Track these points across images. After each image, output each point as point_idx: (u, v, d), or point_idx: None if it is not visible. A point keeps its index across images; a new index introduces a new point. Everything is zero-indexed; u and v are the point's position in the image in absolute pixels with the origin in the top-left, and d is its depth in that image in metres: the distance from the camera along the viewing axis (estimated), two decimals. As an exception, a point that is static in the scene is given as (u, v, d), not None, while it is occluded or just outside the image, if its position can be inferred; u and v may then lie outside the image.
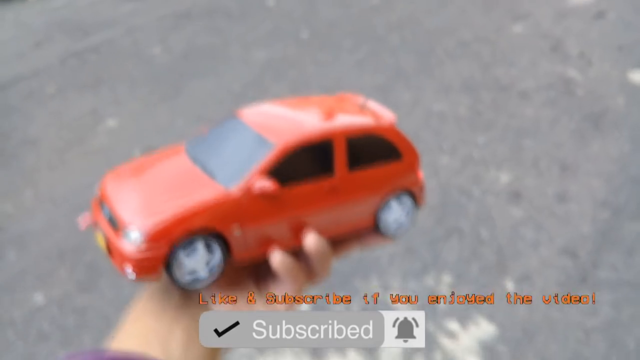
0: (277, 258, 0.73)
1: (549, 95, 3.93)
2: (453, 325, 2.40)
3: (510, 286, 2.56)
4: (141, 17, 5.11)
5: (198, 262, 0.71)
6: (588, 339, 2.34)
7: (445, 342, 2.33)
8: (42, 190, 3.22)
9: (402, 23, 4.93)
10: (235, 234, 0.72)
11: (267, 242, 0.75)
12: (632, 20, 4.92)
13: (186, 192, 0.72)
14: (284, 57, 4.44)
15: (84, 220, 0.80)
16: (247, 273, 0.79)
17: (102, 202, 0.77)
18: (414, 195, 0.89)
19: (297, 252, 0.77)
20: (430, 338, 2.35)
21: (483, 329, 2.39)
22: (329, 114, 0.85)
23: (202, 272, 0.72)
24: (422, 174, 0.90)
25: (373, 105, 0.90)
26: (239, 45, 4.64)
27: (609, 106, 3.80)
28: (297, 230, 0.77)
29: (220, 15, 5.15)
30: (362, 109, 0.88)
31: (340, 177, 0.79)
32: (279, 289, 0.76)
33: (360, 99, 0.91)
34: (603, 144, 3.45)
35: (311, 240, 0.75)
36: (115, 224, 0.72)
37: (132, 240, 0.69)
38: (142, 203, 0.72)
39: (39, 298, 2.58)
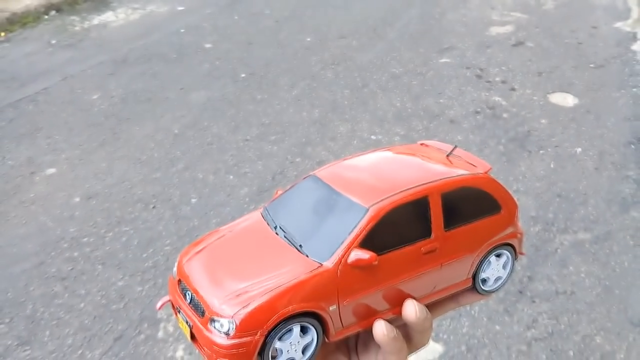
0: (381, 329, 0.66)
1: (476, 120, 4.12)
2: (400, 346, 2.46)
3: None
4: (78, 65, 5.09)
5: (292, 346, 0.65)
6: (530, 350, 2.44)
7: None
8: (-22, 243, 3.14)
9: (336, 60, 5.09)
10: (330, 310, 0.66)
11: (363, 316, 0.69)
12: (549, 48, 5.24)
13: (275, 270, 0.65)
14: (222, 97, 4.51)
15: (161, 304, 0.75)
16: (337, 345, 0.73)
17: (182, 284, 0.71)
18: (513, 247, 0.81)
19: (392, 321, 0.70)
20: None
21: (429, 348, 2.45)
22: (419, 167, 0.78)
23: (297, 356, 0.66)
24: (519, 223, 0.83)
25: (461, 153, 0.82)
26: (176, 87, 4.68)
27: (533, 127, 4.02)
28: (394, 299, 0.70)
29: (158, 59, 5.19)
30: (450, 158, 0.80)
31: (437, 237, 0.71)
32: None
33: (445, 147, 0.83)
34: (529, 163, 3.64)
35: (411, 309, 0.68)
36: (200, 310, 0.66)
37: (224, 330, 0.63)
38: (229, 287, 0.65)
39: (-21, 353, 2.51)
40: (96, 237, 3.11)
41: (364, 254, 0.65)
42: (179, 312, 0.70)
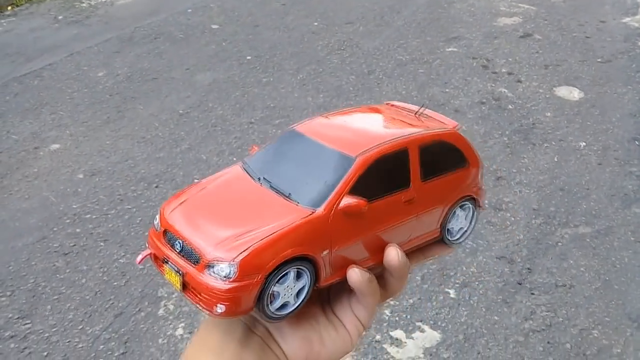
0: (355, 273, 0.68)
1: (481, 111, 4.11)
2: (398, 333, 2.48)
3: (452, 293, 2.67)
4: (84, 42, 5.07)
5: (288, 290, 0.66)
6: (527, 341, 2.46)
7: (393, 350, 2.40)
8: (-19, 216, 3.14)
9: (342, 45, 5.07)
10: (323, 256, 0.67)
11: (348, 263, 0.70)
12: (556, 40, 5.22)
13: (267, 217, 0.66)
14: (227, 79, 4.50)
15: (141, 257, 0.72)
16: (311, 299, 0.73)
17: (168, 234, 0.70)
18: (476, 201, 0.84)
19: (370, 270, 0.71)
20: (377, 348, 2.42)
21: (427, 335, 2.47)
22: (394, 123, 0.81)
23: (291, 301, 0.67)
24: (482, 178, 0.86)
25: (429, 112, 0.85)
26: (182, 67, 4.67)
27: (538, 120, 4.01)
28: (375, 247, 0.72)
29: (164, 39, 5.17)
30: (419, 117, 0.83)
31: (415, 187, 0.74)
32: (354, 309, 0.73)
33: (413, 107, 0.85)
34: (533, 155, 3.64)
35: (394, 253, 0.70)
36: (194, 258, 0.66)
37: (223, 275, 0.63)
38: (222, 233, 0.65)
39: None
40: (99, 213, 3.12)
41: (355, 200, 0.68)
42: (167, 262, 0.69)
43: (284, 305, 0.67)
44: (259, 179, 0.72)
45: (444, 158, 0.79)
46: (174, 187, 3.30)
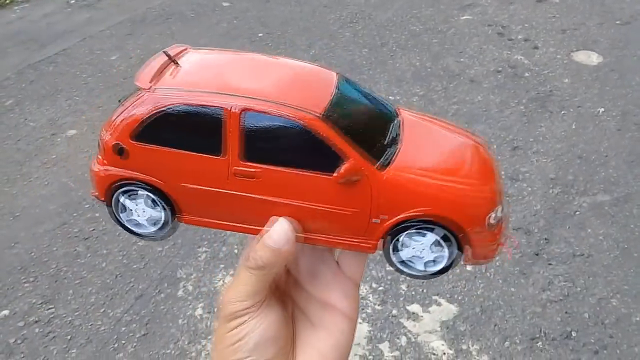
0: None
1: (497, 80, 4.05)
2: (415, 307, 2.48)
3: (468, 266, 2.66)
4: (96, 26, 5.08)
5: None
6: (544, 312, 2.45)
7: (409, 324, 2.41)
8: (0, 204, 3.20)
9: (354, 18, 5.01)
10: None
11: None
12: (573, 3, 5.08)
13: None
14: (240, 58, 4.48)
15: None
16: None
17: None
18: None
19: None
20: (394, 322, 2.43)
21: (444, 309, 2.48)
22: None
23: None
24: None
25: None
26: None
27: (555, 87, 3.94)
28: None
29: (175, 18, 5.15)
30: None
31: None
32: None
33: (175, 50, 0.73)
34: (550, 123, 3.58)
35: None
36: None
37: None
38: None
39: (4, 312, 2.58)
40: (116, 198, 3.14)
41: None
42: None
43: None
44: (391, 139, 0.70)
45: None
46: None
